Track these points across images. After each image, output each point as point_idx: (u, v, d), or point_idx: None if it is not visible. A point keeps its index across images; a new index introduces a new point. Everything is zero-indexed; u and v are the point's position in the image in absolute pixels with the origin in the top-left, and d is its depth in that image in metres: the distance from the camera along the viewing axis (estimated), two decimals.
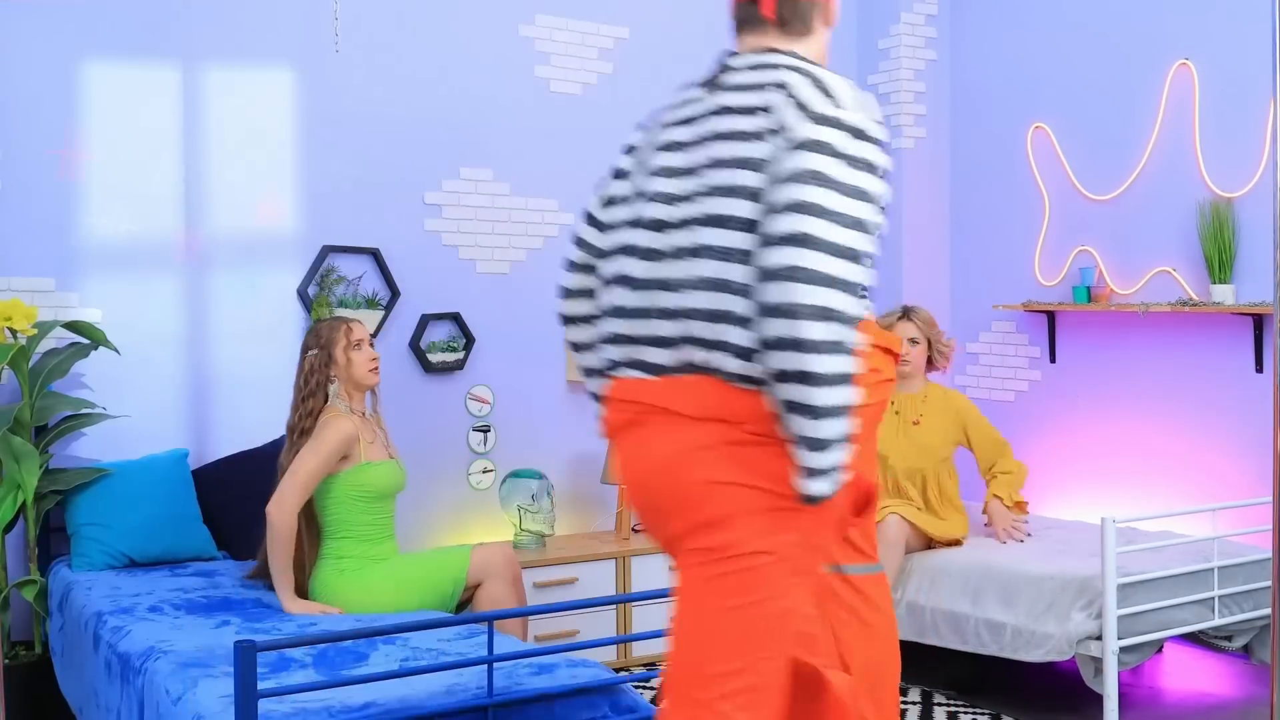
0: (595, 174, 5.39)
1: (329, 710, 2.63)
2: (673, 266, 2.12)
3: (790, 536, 2.08)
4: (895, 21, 5.89)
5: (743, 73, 2.18)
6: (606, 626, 4.77)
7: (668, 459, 2.12)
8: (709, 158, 2.13)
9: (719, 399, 2.09)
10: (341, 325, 3.86)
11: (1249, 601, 4.23)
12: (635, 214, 2.21)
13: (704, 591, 2.08)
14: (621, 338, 2.21)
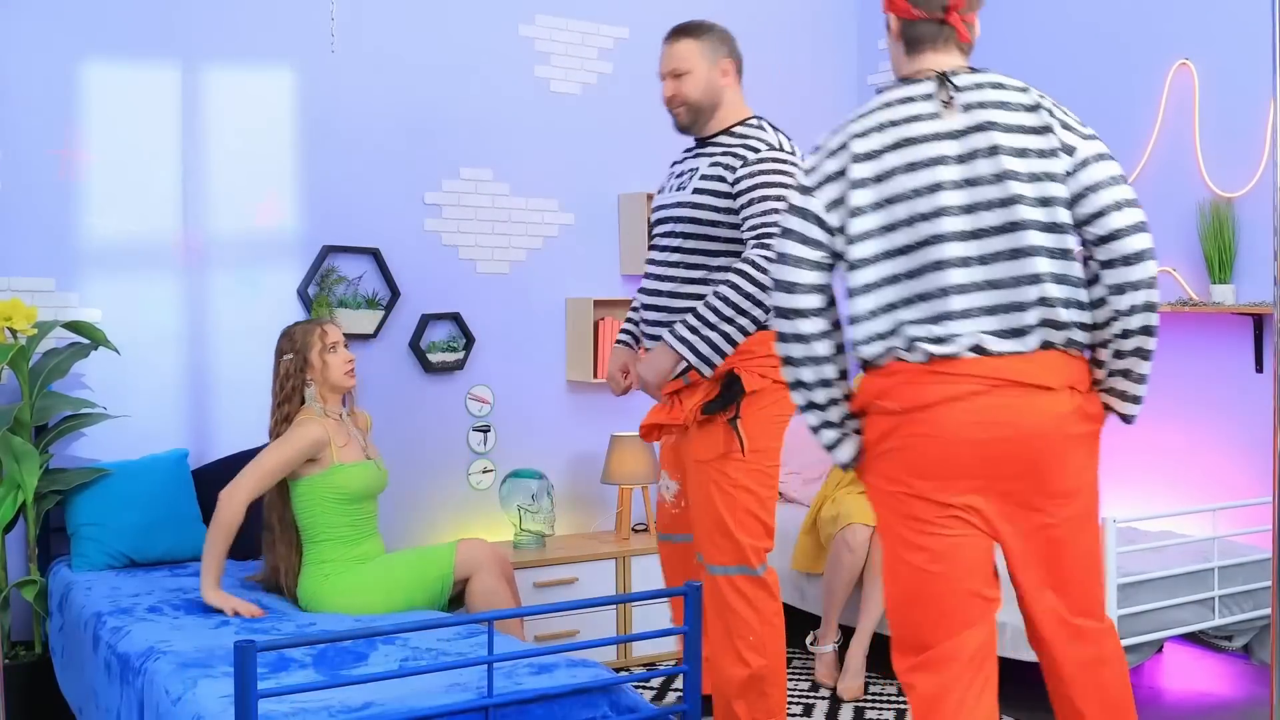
0: (595, 174, 5.39)
1: (329, 710, 2.63)
2: (1007, 262, 2.48)
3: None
4: None
5: (983, 90, 2.55)
6: (606, 626, 4.77)
7: (1061, 433, 2.47)
8: (999, 167, 2.48)
9: (1070, 369, 2.51)
10: (316, 328, 3.83)
11: (1249, 601, 4.23)
12: (939, 205, 2.48)
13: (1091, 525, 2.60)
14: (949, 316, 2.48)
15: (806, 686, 4.53)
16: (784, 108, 5.91)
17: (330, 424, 3.76)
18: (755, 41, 5.82)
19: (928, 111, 2.55)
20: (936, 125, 2.53)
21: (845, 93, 6.08)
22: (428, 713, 2.60)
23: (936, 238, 2.48)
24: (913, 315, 2.50)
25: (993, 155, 2.49)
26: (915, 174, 2.51)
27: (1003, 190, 2.48)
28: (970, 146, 2.51)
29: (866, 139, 2.56)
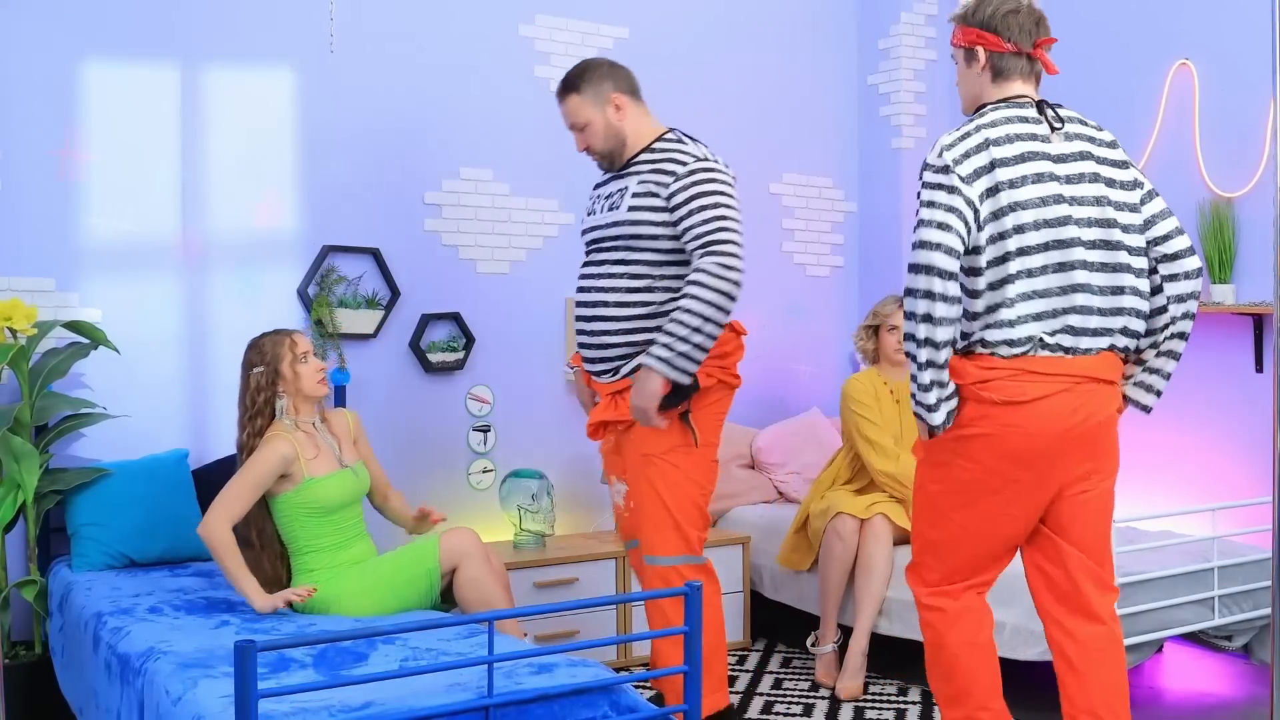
0: (595, 174, 5.38)
1: (329, 710, 2.63)
2: (1117, 272, 2.96)
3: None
4: (895, 21, 5.89)
5: (1074, 124, 3.04)
6: (606, 626, 4.77)
7: (1110, 418, 3.00)
8: (1099, 192, 2.97)
9: (1120, 366, 3.04)
10: (285, 339, 3.76)
11: (1249, 601, 4.23)
12: (1063, 215, 2.91)
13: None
14: (1067, 321, 2.94)
15: (806, 686, 4.53)
16: (784, 108, 5.91)
17: (300, 438, 3.69)
18: (755, 41, 5.82)
19: (1042, 133, 2.97)
20: (1048, 146, 2.96)
21: (845, 93, 6.08)
22: (428, 713, 2.60)
23: (1065, 245, 2.90)
24: (1039, 313, 2.91)
25: (1094, 181, 2.96)
26: (1041, 185, 2.90)
27: (1102, 213, 2.95)
28: (1075, 170, 2.95)
29: (1002, 146, 2.92)
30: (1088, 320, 2.93)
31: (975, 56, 3.06)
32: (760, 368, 5.79)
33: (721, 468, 5.39)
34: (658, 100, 5.54)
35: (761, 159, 5.83)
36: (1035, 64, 3.06)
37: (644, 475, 3.63)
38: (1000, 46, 3.03)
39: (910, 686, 4.51)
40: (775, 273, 5.86)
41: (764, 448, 5.47)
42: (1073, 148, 2.97)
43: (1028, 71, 3.05)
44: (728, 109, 5.73)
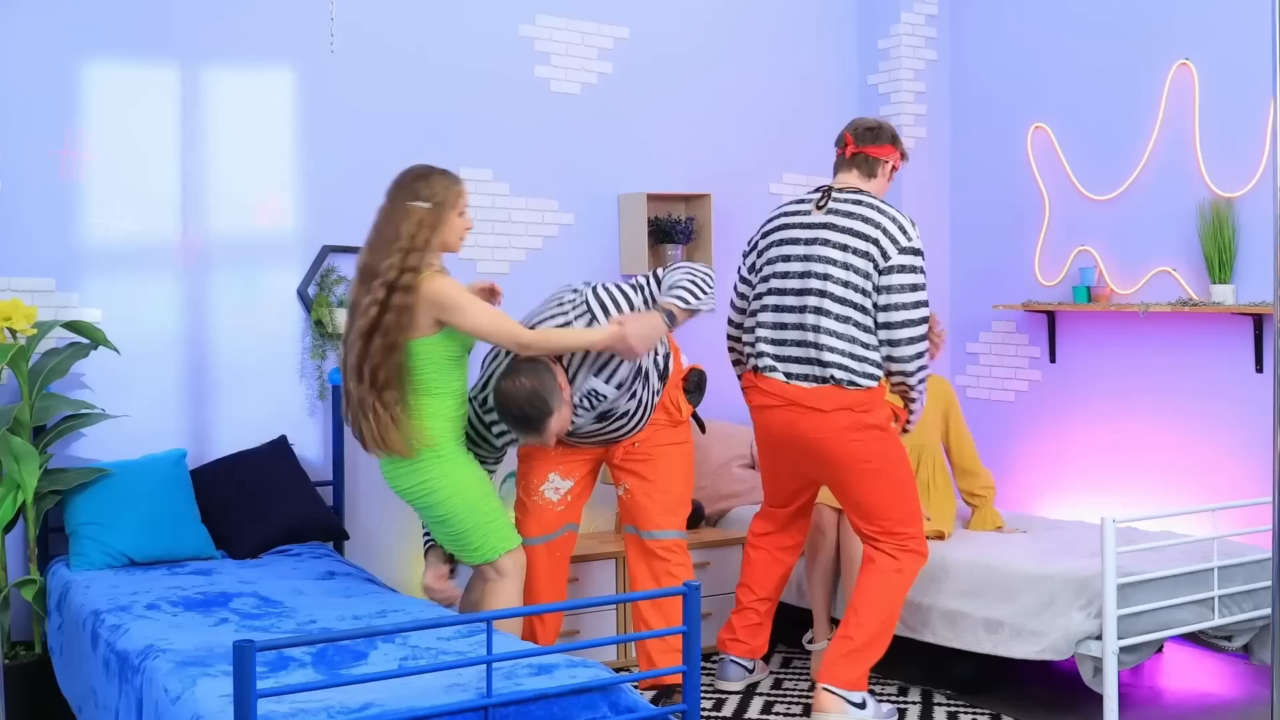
0: (595, 174, 5.39)
1: (328, 710, 2.63)
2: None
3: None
4: (895, 21, 5.89)
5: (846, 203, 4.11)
6: (606, 626, 4.77)
7: (827, 438, 4.07)
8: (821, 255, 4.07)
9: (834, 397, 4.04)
10: (454, 186, 3.74)
11: (1249, 601, 4.23)
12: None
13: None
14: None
15: (806, 686, 4.53)
16: (784, 108, 5.92)
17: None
18: (755, 41, 5.82)
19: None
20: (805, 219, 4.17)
21: (845, 93, 6.08)
22: (427, 713, 2.60)
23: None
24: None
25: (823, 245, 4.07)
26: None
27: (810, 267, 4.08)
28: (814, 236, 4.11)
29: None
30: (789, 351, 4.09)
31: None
32: None
33: (722, 468, 5.39)
34: (658, 100, 5.56)
35: (761, 159, 5.83)
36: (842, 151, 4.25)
37: (671, 461, 4.19)
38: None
39: (910, 686, 4.51)
40: None
41: None
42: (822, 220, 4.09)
43: (844, 163, 4.24)
44: (728, 109, 5.73)
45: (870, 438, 4.00)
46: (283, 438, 4.63)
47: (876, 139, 4.17)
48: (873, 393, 4.00)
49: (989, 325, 5.81)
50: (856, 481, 4.06)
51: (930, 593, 4.35)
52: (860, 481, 4.05)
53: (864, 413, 3.98)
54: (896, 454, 4.08)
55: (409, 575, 4.96)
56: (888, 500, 4.06)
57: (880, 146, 4.16)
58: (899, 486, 4.08)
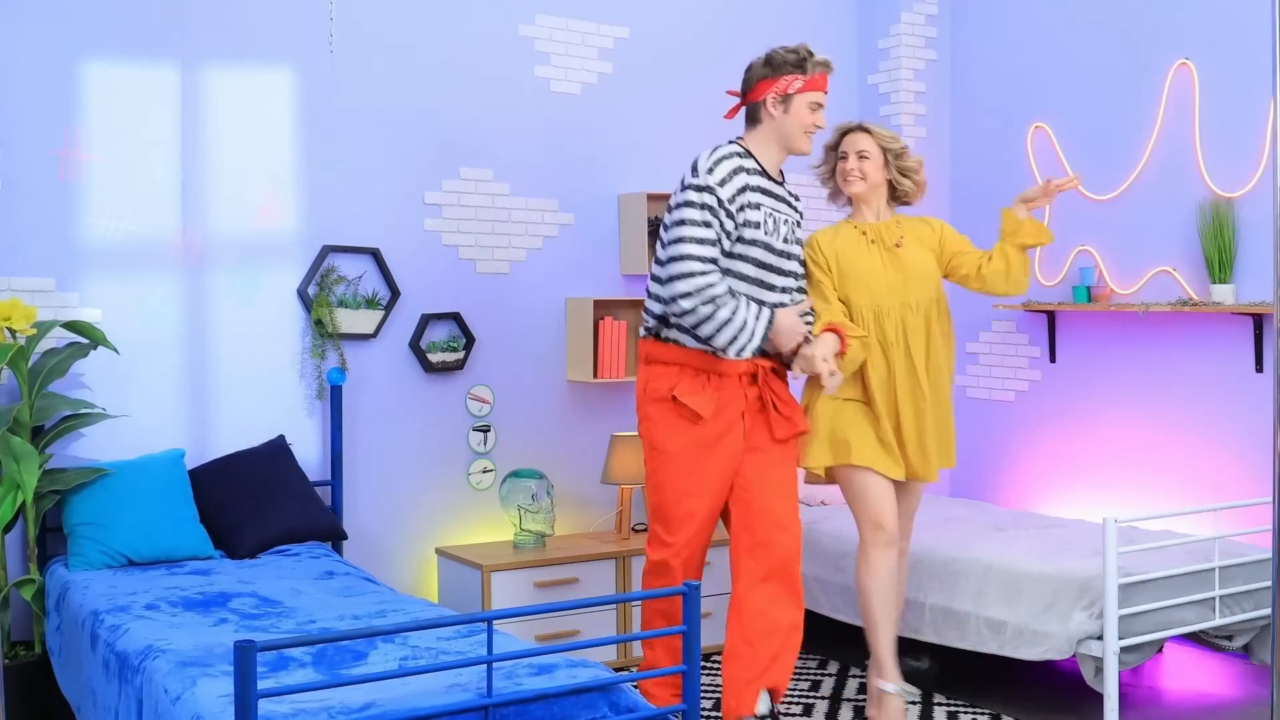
0: (595, 174, 5.39)
1: (329, 710, 2.63)
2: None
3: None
4: (895, 21, 5.89)
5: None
6: (606, 626, 4.76)
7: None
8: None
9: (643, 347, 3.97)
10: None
11: (1250, 601, 4.23)
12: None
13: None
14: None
15: (806, 686, 4.53)
16: None
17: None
18: (755, 42, 5.81)
19: None
20: None
21: (845, 93, 6.08)
22: (427, 713, 2.60)
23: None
24: None
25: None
26: None
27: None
28: None
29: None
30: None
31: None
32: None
33: None
34: (658, 100, 5.55)
35: None
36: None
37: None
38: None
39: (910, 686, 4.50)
40: None
41: None
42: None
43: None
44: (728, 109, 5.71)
45: (637, 393, 3.87)
46: (281, 437, 4.63)
47: (748, 82, 3.88)
48: (641, 345, 3.86)
49: (989, 325, 5.81)
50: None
51: (932, 593, 4.35)
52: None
53: (639, 364, 3.87)
54: (651, 434, 3.80)
55: (408, 575, 4.97)
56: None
57: (752, 89, 3.87)
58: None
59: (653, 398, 3.78)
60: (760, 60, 3.84)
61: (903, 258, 4.01)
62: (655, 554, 3.83)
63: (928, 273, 4.03)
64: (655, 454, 3.79)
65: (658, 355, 3.78)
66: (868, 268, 3.98)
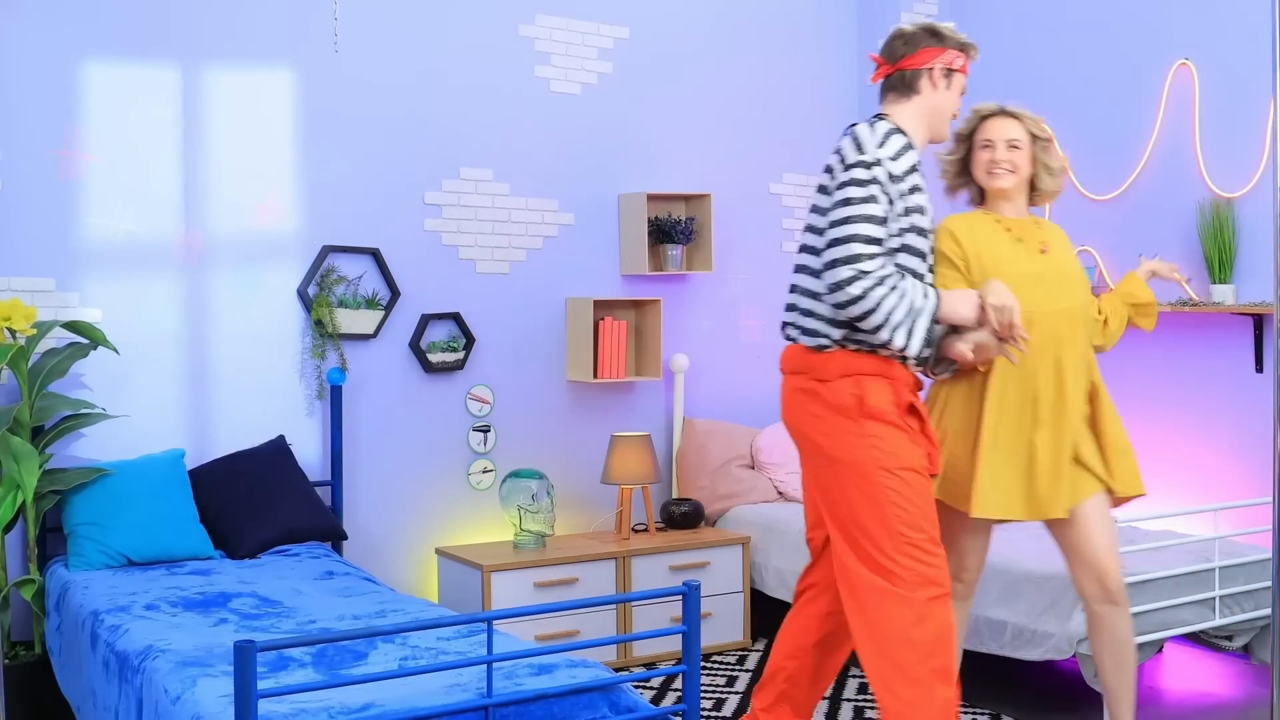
0: (595, 174, 5.39)
1: (329, 711, 2.63)
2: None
3: None
4: (895, 21, 5.89)
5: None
6: (606, 626, 4.76)
7: (788, 407, 3.39)
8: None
9: (797, 358, 3.32)
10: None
11: (1250, 601, 4.23)
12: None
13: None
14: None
15: None
16: (784, 108, 5.91)
17: None
18: (755, 41, 5.82)
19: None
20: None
21: (845, 93, 6.08)
22: (427, 713, 2.60)
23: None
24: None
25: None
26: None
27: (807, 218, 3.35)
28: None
29: None
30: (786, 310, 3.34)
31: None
32: (760, 368, 5.79)
33: (722, 468, 5.39)
34: (658, 100, 5.55)
35: (761, 159, 5.83)
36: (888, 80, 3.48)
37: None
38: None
39: None
40: (775, 273, 5.86)
41: (764, 448, 5.47)
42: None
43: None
44: (728, 109, 5.73)
45: (825, 415, 3.18)
46: (281, 438, 4.63)
47: (911, 46, 3.42)
48: (825, 358, 3.20)
49: None
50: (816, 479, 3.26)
51: None
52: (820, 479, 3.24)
53: (817, 381, 3.20)
54: (884, 457, 3.14)
55: (408, 575, 4.97)
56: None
57: (913, 55, 3.40)
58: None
59: (873, 415, 3.14)
60: (919, 28, 3.43)
61: (1052, 259, 3.48)
62: (934, 583, 3.11)
63: (1079, 274, 3.55)
64: (893, 475, 3.12)
65: (856, 367, 3.17)
66: (1014, 267, 3.39)
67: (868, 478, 3.12)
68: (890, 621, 3.07)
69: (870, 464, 3.12)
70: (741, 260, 5.76)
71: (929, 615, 3.07)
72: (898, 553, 3.10)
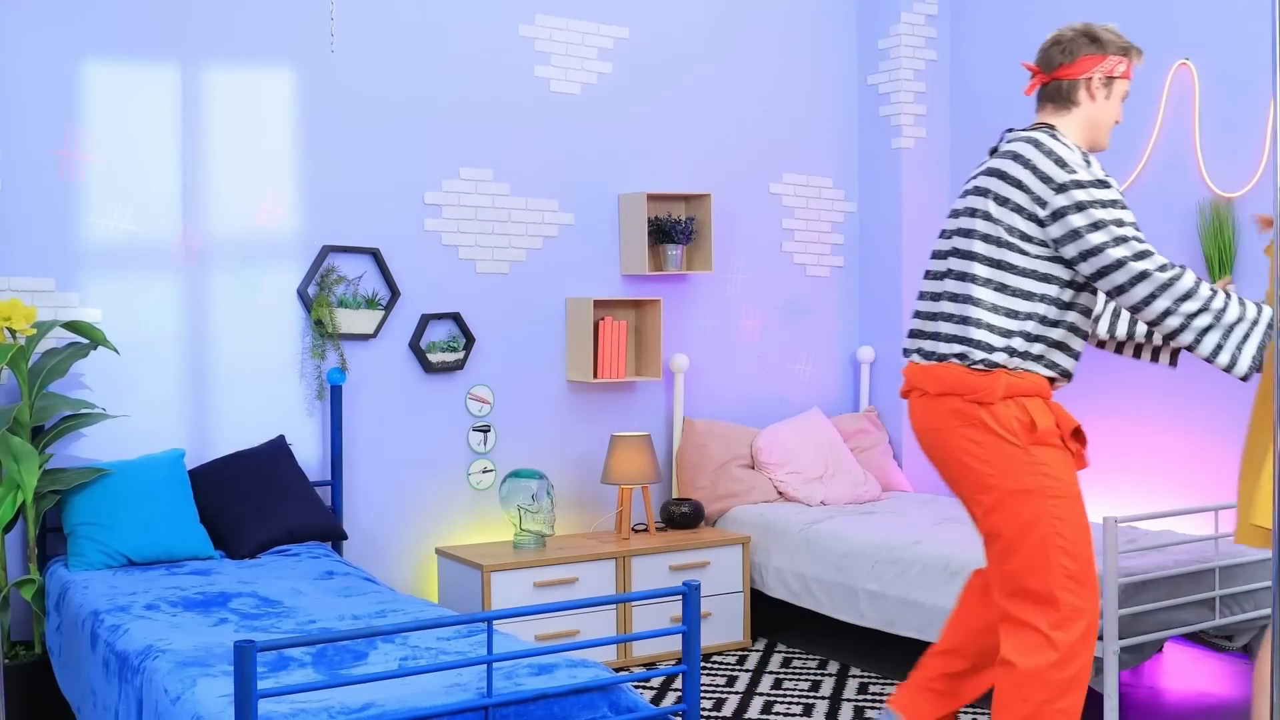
0: (595, 174, 5.39)
1: (329, 711, 2.63)
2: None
3: None
4: (895, 21, 5.89)
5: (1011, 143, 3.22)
6: (606, 626, 4.77)
7: (933, 430, 3.27)
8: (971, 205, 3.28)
9: (949, 379, 3.20)
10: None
11: (1250, 601, 4.23)
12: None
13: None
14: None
15: (806, 686, 4.53)
16: (784, 108, 5.91)
17: None
18: (755, 41, 5.82)
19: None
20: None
21: (845, 93, 6.08)
22: (427, 713, 2.60)
23: (931, 257, 3.37)
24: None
25: (978, 195, 3.22)
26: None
27: (960, 223, 3.26)
28: (967, 187, 3.28)
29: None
30: (921, 326, 3.25)
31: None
32: (760, 368, 5.79)
33: (722, 468, 5.39)
34: (658, 100, 5.55)
35: (761, 159, 5.83)
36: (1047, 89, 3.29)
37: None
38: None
39: None
40: (775, 273, 5.86)
41: (764, 448, 5.47)
42: (982, 167, 3.22)
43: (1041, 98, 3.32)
44: (728, 109, 5.73)
45: (987, 441, 3.08)
46: (281, 438, 4.63)
47: (1068, 54, 3.22)
48: (989, 379, 3.09)
49: None
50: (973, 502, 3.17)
51: (934, 594, 4.35)
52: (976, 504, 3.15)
53: (977, 403, 3.09)
54: (1052, 483, 3.05)
55: (408, 575, 4.97)
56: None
57: (1071, 64, 3.22)
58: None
59: (1039, 440, 3.08)
60: (1077, 33, 3.25)
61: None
62: (1082, 612, 3.06)
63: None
64: (1061, 501, 3.07)
65: (1020, 388, 3.08)
66: None
67: (1032, 505, 3.05)
68: (1031, 656, 3.05)
69: (1038, 492, 3.05)
70: (741, 260, 5.76)
71: (1073, 657, 3.05)
72: (1054, 584, 3.04)
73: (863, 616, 4.61)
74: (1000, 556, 3.12)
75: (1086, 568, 3.08)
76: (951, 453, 3.14)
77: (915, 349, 3.26)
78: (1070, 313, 3.14)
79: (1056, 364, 3.14)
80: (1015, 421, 3.06)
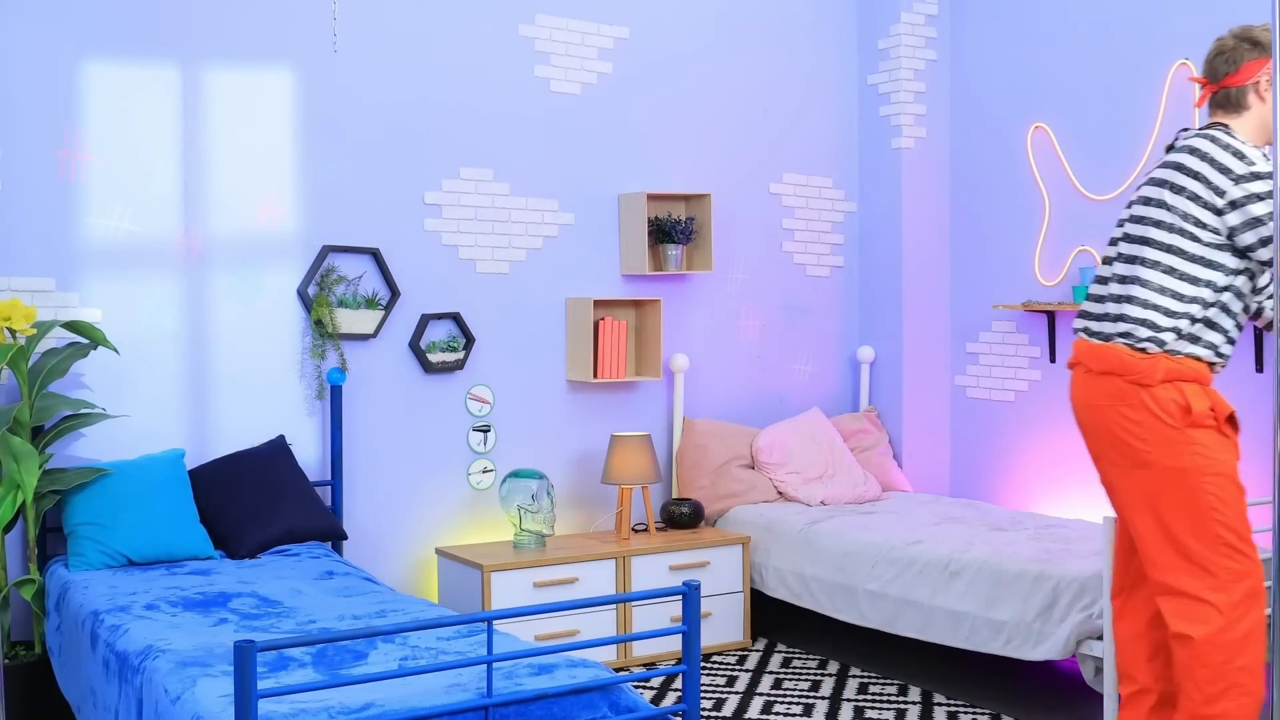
0: (595, 174, 5.39)
1: (329, 711, 2.63)
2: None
3: None
4: (895, 21, 5.89)
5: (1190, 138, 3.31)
6: (606, 626, 4.77)
7: (1095, 406, 3.38)
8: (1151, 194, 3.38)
9: (1114, 359, 3.31)
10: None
11: None
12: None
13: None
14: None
15: (806, 686, 4.53)
16: (784, 108, 5.91)
17: None
18: (755, 41, 5.82)
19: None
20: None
21: (845, 93, 6.08)
22: (427, 713, 2.60)
23: (1111, 243, 3.47)
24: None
25: (1157, 186, 3.31)
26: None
27: (1139, 211, 3.38)
28: (1151, 178, 3.36)
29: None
30: (1091, 307, 3.37)
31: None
32: (760, 368, 5.79)
33: (721, 468, 5.39)
34: (658, 100, 5.55)
35: (761, 159, 5.83)
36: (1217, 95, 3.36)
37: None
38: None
39: (910, 686, 4.50)
40: (775, 273, 5.86)
41: (764, 448, 5.47)
42: (1165, 160, 3.31)
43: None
44: (728, 109, 5.73)
45: (1145, 420, 3.21)
46: (281, 438, 4.64)
47: (1232, 63, 3.33)
48: (1150, 362, 3.23)
49: (989, 325, 5.81)
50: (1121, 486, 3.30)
51: (934, 593, 4.35)
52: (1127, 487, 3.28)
53: (1138, 385, 3.23)
54: (1210, 464, 3.18)
55: (408, 575, 4.97)
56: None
57: (1236, 71, 3.32)
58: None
59: (1194, 423, 3.21)
60: (1239, 40, 3.34)
61: None
62: (1241, 576, 3.19)
63: None
64: (1218, 479, 3.21)
65: (1179, 373, 3.22)
66: None
67: (1188, 482, 3.19)
68: (1199, 625, 3.14)
69: (1193, 470, 3.19)
70: (741, 260, 5.76)
71: (1240, 619, 3.14)
72: (1213, 551, 3.17)
73: (863, 616, 4.61)
74: (1154, 531, 3.23)
75: (1243, 538, 3.20)
76: (1109, 428, 3.29)
77: (1083, 328, 3.43)
78: (1228, 295, 3.26)
79: (1215, 346, 3.27)
80: (1173, 404, 3.20)
